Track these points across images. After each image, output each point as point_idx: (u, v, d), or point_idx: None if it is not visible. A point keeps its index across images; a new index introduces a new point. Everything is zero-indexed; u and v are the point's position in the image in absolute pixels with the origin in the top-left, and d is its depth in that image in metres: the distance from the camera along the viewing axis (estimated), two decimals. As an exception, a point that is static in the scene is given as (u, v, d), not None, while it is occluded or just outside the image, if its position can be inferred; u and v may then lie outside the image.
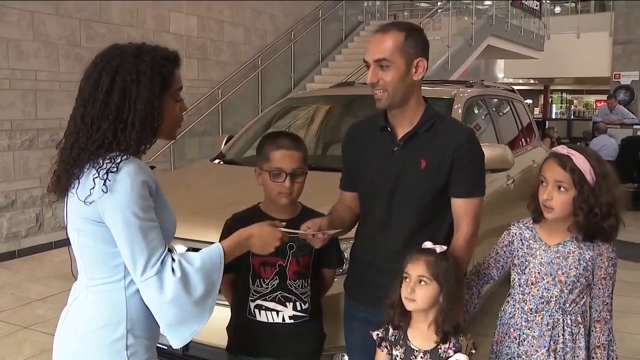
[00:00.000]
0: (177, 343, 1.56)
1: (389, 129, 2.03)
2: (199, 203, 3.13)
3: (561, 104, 26.61)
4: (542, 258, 1.97)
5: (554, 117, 22.49)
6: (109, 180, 1.46)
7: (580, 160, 1.87)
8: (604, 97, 14.62)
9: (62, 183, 1.55)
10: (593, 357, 1.98)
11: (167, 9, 7.74)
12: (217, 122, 8.42)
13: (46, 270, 5.60)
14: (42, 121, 6.19)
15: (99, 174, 1.47)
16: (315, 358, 2.17)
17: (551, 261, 1.95)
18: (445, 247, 1.86)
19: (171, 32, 7.76)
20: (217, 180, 3.78)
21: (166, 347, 2.45)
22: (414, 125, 1.99)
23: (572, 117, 22.32)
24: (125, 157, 1.50)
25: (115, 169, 1.47)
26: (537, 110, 21.94)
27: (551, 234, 1.99)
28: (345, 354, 2.45)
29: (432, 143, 1.97)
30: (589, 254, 1.93)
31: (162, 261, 1.50)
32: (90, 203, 1.48)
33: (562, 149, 1.93)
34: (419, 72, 1.95)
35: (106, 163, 1.48)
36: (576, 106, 26.57)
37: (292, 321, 2.09)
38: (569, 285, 1.93)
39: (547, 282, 1.95)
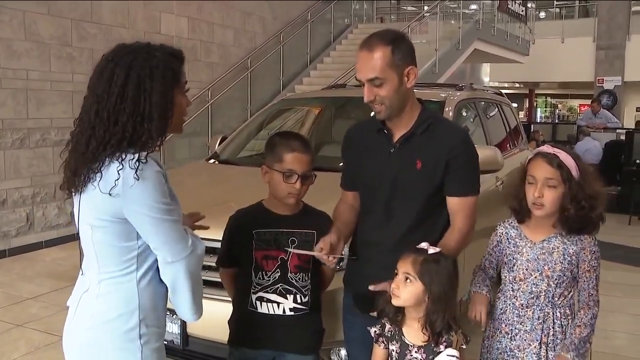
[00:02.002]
0: (198, 316, 1.71)
1: (385, 131, 2.09)
2: (198, 200, 3.17)
3: (546, 107, 26.88)
4: (528, 255, 2.06)
5: (538, 120, 22.73)
6: (140, 170, 1.51)
7: (566, 158, 1.98)
8: (588, 101, 14.82)
9: (79, 178, 1.57)
10: (571, 333, 2.00)
11: (158, 10, 7.77)
12: (207, 123, 8.45)
13: (37, 269, 5.61)
14: (33, 120, 6.19)
15: (123, 166, 1.51)
16: (314, 351, 2.23)
17: (537, 257, 2.04)
18: (438, 249, 1.89)
19: (162, 33, 7.77)
20: (214, 178, 3.83)
21: (166, 342, 2.49)
22: (410, 127, 2.05)
23: (557, 121, 22.60)
24: (149, 151, 1.57)
25: (145, 160, 1.53)
26: (522, 114, 22.12)
27: (536, 231, 2.07)
28: (342, 349, 2.51)
29: (428, 144, 2.03)
30: (572, 249, 2.02)
31: (192, 242, 1.63)
32: (114, 196, 1.52)
33: (547, 148, 2.02)
34: (411, 79, 2.00)
35: (134, 154, 1.53)
36: (560, 110, 26.85)
37: (292, 313, 2.14)
38: (556, 279, 2.01)
39: (535, 277, 2.03)
